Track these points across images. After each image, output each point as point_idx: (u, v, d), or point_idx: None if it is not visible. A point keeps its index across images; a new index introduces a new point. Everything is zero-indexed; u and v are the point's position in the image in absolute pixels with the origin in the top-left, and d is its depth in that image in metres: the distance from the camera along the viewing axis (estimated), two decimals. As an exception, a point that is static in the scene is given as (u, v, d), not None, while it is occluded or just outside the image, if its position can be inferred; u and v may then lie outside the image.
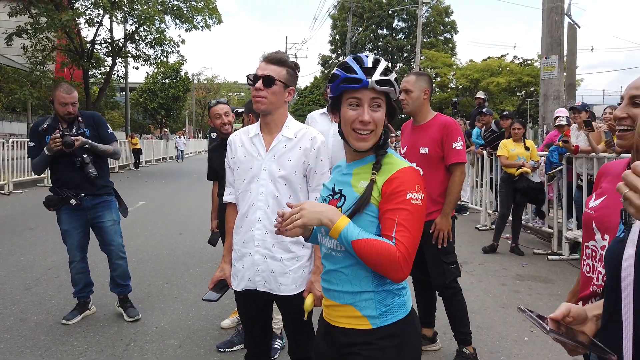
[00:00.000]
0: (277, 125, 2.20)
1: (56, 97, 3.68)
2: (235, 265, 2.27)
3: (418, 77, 3.26)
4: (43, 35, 20.32)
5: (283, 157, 2.16)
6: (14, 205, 9.97)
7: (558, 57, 9.30)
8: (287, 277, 2.17)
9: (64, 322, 3.88)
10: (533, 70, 30.19)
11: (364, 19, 42.82)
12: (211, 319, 4.07)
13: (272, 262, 2.16)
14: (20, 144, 13.40)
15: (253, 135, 2.23)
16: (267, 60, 2.16)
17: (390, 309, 1.53)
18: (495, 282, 5.28)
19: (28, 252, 6.13)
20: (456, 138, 3.17)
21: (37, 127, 3.81)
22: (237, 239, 2.26)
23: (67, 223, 3.85)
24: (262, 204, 2.16)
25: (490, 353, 3.57)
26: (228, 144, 2.34)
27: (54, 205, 3.77)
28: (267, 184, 2.15)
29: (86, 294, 4.05)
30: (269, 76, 2.11)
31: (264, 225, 2.16)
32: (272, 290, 2.19)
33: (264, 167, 2.16)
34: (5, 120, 32.92)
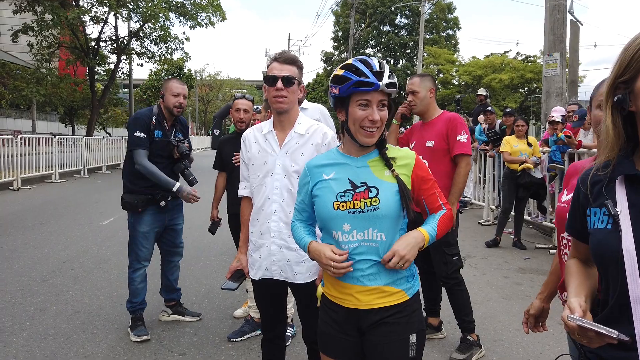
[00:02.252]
0: (290, 122, 2.33)
1: (169, 88, 3.56)
2: (252, 256, 2.40)
3: (422, 78, 3.45)
4: (49, 32, 20.44)
5: (296, 152, 2.28)
6: (23, 201, 10.13)
7: (560, 54, 9.39)
8: (302, 266, 2.31)
9: (134, 339, 3.56)
10: (536, 67, 30.23)
11: (367, 15, 42.78)
12: (224, 309, 4.22)
13: (288, 252, 2.30)
14: (28, 141, 13.57)
15: (267, 132, 2.35)
16: (281, 61, 2.27)
17: (414, 280, 1.80)
18: (498, 275, 5.41)
19: (42, 246, 6.28)
20: (460, 131, 3.33)
21: (146, 120, 3.55)
22: (253, 231, 2.39)
23: (148, 224, 3.64)
24: (277, 197, 2.28)
25: (493, 341, 3.71)
26: (242, 140, 2.45)
27: (143, 207, 3.57)
28: (282, 178, 2.28)
29: (144, 305, 3.79)
30: (288, 76, 2.24)
31: (279, 217, 2.29)
32: (287, 278, 2.32)
33: (278, 162, 2.28)
34: (10, 117, 33.15)
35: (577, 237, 1.37)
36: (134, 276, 3.68)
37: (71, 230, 7.29)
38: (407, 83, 3.51)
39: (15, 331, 3.69)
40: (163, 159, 3.63)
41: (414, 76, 3.53)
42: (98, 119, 29.09)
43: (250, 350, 3.47)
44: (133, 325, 3.66)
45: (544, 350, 3.56)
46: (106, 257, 5.84)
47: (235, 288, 2.45)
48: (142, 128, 3.49)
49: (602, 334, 1.08)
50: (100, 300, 4.39)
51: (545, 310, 1.84)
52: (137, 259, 3.67)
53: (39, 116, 34.59)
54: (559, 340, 3.67)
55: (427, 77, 3.49)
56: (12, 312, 4.06)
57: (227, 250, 5.94)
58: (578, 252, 1.41)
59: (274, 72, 2.25)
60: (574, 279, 1.33)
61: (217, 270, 5.32)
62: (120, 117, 36.75)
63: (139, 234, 3.63)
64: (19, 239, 6.59)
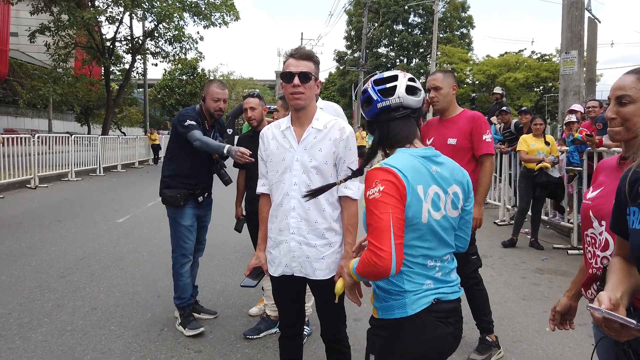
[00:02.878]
0: (308, 118, 2.31)
1: (210, 93, 3.62)
2: (271, 253, 2.38)
3: (445, 74, 3.37)
4: (65, 32, 20.70)
5: (314, 148, 2.26)
6: (41, 199, 10.26)
7: (578, 52, 9.25)
8: (321, 263, 2.29)
9: (189, 333, 3.61)
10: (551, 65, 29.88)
11: (380, 14, 42.63)
12: (239, 307, 4.22)
13: (308, 248, 2.28)
14: (45, 140, 13.75)
15: (285, 129, 2.33)
16: (297, 57, 2.25)
17: (388, 306, 1.69)
18: (516, 275, 5.34)
19: (59, 243, 6.35)
20: (485, 130, 3.29)
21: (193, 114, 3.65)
22: (272, 228, 2.37)
23: (190, 218, 3.72)
24: (295, 194, 2.26)
25: (512, 342, 3.65)
26: (260, 137, 2.44)
27: (185, 200, 3.66)
28: (300, 174, 2.26)
29: (192, 300, 3.90)
30: (305, 72, 2.21)
31: (298, 213, 2.27)
32: (307, 275, 2.31)
33: (296, 158, 2.26)
34: (27, 116, 33.63)
35: (620, 234, 1.34)
36: (182, 271, 3.72)
37: (87, 227, 7.35)
38: (428, 79, 3.44)
39: (33, 327, 3.72)
40: (205, 153, 3.67)
41: (436, 72, 3.44)
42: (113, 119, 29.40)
43: (266, 349, 3.46)
44: (185, 321, 3.69)
45: (564, 352, 3.50)
46: (122, 254, 5.88)
47: (254, 285, 2.43)
48: (191, 118, 3.60)
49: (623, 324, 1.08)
50: (116, 297, 4.42)
51: (572, 308, 1.80)
52: (183, 253, 3.72)
53: (56, 116, 35.05)
54: (580, 342, 3.61)
55: (449, 74, 3.44)
56: (31, 308, 4.10)
57: (242, 248, 5.94)
58: (622, 250, 1.38)
59: (291, 69, 2.22)
60: (613, 275, 1.31)
61: (232, 269, 5.32)
62: (134, 116, 37.16)
63: (182, 227, 3.70)
64: (37, 237, 6.66)
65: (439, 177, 1.68)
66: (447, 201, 1.69)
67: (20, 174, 11.78)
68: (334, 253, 2.31)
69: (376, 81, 1.79)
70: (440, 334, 1.66)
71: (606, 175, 1.70)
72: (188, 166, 3.67)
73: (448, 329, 1.67)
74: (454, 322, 1.70)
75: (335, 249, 2.32)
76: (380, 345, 1.71)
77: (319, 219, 2.27)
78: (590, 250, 1.68)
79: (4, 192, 10.67)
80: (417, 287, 1.65)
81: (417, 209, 1.60)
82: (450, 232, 1.72)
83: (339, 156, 2.28)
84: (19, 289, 4.55)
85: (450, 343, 1.72)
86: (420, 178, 1.63)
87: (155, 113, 45.64)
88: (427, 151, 1.73)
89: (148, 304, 4.28)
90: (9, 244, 6.19)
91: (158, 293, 4.53)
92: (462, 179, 1.77)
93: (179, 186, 3.66)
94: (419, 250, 1.64)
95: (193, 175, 3.67)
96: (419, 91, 1.78)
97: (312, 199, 2.13)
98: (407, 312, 1.64)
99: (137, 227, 7.50)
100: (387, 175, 1.58)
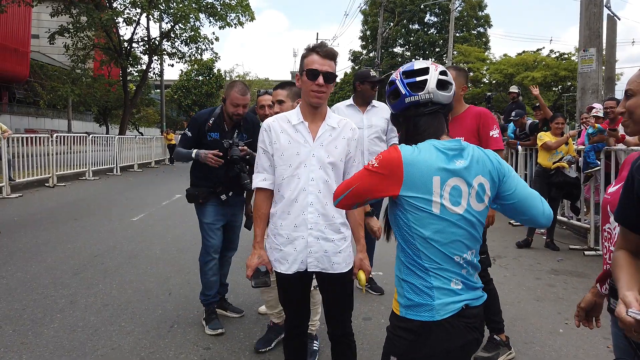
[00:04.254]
0: (321, 115, 2.32)
1: (230, 97, 3.56)
2: (283, 250, 2.31)
3: (458, 73, 3.28)
4: (83, 34, 21.04)
5: (330, 145, 2.28)
6: (59, 198, 10.43)
7: (597, 50, 9.08)
8: (339, 256, 2.30)
9: (209, 332, 3.64)
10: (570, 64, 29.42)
11: (396, 14, 42.46)
12: (249, 305, 4.22)
13: (325, 243, 2.28)
14: (63, 139, 13.98)
15: (297, 123, 2.29)
16: (322, 55, 2.21)
17: (415, 305, 1.61)
18: (530, 276, 5.25)
19: (74, 240, 6.44)
20: (492, 126, 3.24)
21: (201, 121, 3.68)
22: (283, 224, 2.31)
23: (212, 216, 3.72)
24: (313, 189, 2.26)
25: (524, 343, 3.59)
26: (265, 129, 2.34)
27: (204, 199, 3.69)
28: (317, 169, 2.26)
29: (218, 298, 3.91)
30: (330, 73, 2.22)
31: (315, 209, 2.27)
32: (325, 269, 2.30)
33: (313, 153, 2.26)
34: (47, 117, 34.24)
35: (628, 226, 1.30)
36: (206, 269, 3.75)
37: (103, 225, 7.45)
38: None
39: (46, 323, 3.77)
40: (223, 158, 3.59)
41: (450, 68, 3.31)
42: (131, 119, 29.79)
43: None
44: (208, 318, 3.73)
45: (577, 354, 3.42)
46: (136, 252, 5.94)
47: (269, 284, 2.41)
48: (192, 128, 3.69)
49: None
50: (128, 294, 4.46)
51: (597, 304, 1.72)
52: (207, 251, 3.75)
53: (75, 116, 35.62)
54: (594, 343, 3.53)
55: (462, 73, 3.39)
56: (44, 304, 4.16)
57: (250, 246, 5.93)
58: (627, 243, 1.34)
59: (316, 66, 2.19)
60: (624, 272, 1.26)
61: (242, 267, 5.30)
62: (152, 117, 37.56)
63: (204, 224, 3.74)
64: (53, 234, 6.77)
65: (463, 170, 1.61)
66: (470, 194, 1.62)
67: (39, 173, 12.00)
68: (349, 246, 2.38)
69: (405, 73, 1.69)
70: (468, 340, 1.62)
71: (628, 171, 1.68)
72: (204, 168, 3.66)
73: (475, 334, 1.64)
74: (479, 326, 1.67)
75: (349, 243, 2.38)
76: (404, 348, 1.63)
77: (336, 214, 2.30)
78: (606, 245, 1.66)
79: (23, 191, 10.87)
80: (445, 283, 1.60)
81: (425, 194, 1.57)
82: (476, 226, 1.65)
83: (350, 155, 2.33)
84: (33, 285, 4.62)
85: (474, 349, 1.70)
86: (439, 170, 1.58)
87: (172, 113, 46.06)
88: (453, 144, 1.65)
89: (159, 300, 4.31)
90: (25, 241, 6.30)
91: (169, 290, 4.56)
92: (488, 166, 1.67)
93: (200, 185, 3.72)
94: (440, 244, 1.59)
95: (209, 177, 3.67)
96: (450, 85, 1.69)
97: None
98: (434, 316, 1.58)
99: (151, 225, 7.58)
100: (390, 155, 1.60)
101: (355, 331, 2.58)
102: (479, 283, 1.71)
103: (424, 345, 1.60)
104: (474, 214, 1.64)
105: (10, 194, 10.23)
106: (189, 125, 3.76)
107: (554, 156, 6.40)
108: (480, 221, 1.67)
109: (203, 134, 3.64)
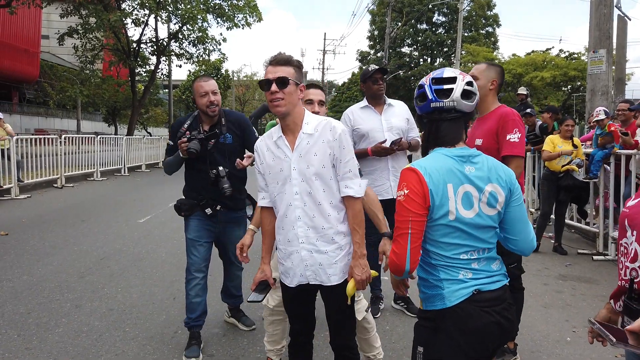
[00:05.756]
0: (296, 124, 2.25)
1: (195, 89, 3.30)
2: (283, 264, 2.35)
3: (488, 67, 3.11)
4: (92, 35, 21.17)
5: (309, 153, 2.21)
6: (66, 199, 10.49)
7: (606, 51, 8.97)
8: (334, 268, 2.27)
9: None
10: (580, 64, 29.15)
11: (404, 13, 42.33)
12: (253, 310, 4.20)
13: (319, 255, 2.25)
14: (72, 140, 14.07)
15: (277, 139, 2.28)
16: (274, 63, 2.21)
17: (430, 297, 1.78)
18: (537, 282, 5.19)
19: (81, 242, 6.47)
20: (512, 129, 2.94)
21: (177, 127, 3.46)
22: (280, 239, 2.36)
23: (195, 231, 3.41)
24: (298, 203, 2.23)
25: (530, 352, 3.54)
26: (255, 150, 2.39)
27: (187, 211, 3.40)
28: (299, 182, 2.22)
29: (201, 322, 3.50)
30: (282, 77, 2.16)
31: (304, 222, 2.24)
32: (323, 282, 2.28)
33: (293, 167, 2.23)
34: (57, 117, 34.55)
35: None
36: (187, 288, 3.41)
37: (109, 227, 7.48)
38: (472, 68, 3.16)
39: (51, 327, 3.78)
40: (199, 165, 3.33)
41: (483, 62, 3.18)
42: (139, 119, 29.95)
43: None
44: (188, 343, 3.41)
45: (585, 363, 3.38)
46: (141, 255, 5.95)
47: (261, 300, 2.40)
48: (172, 136, 3.48)
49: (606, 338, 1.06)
50: (133, 298, 4.47)
51: (612, 322, 1.70)
52: (187, 268, 3.45)
53: (84, 116, 35.92)
54: (602, 352, 3.48)
55: (494, 67, 3.11)
56: (50, 308, 4.18)
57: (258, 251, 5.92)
58: None
59: (268, 76, 2.19)
60: None
61: (246, 274, 5.31)
62: (160, 117, 37.75)
63: (187, 240, 3.45)
64: (60, 236, 6.81)
65: (473, 176, 1.73)
66: (481, 199, 1.74)
67: (47, 174, 12.09)
68: (346, 255, 2.30)
69: (435, 79, 1.81)
70: (483, 323, 1.70)
71: None
72: (189, 177, 3.47)
73: (492, 317, 1.70)
74: (500, 310, 1.73)
75: (347, 251, 2.30)
76: (426, 336, 1.79)
77: (326, 224, 2.24)
78: (622, 260, 1.63)
79: (32, 192, 10.95)
80: (453, 275, 1.73)
81: (444, 207, 1.70)
82: (486, 230, 1.77)
83: (335, 157, 2.22)
84: (39, 289, 4.64)
85: (495, 332, 1.72)
86: (451, 177, 1.71)
87: (180, 113, 46.24)
88: (463, 151, 1.78)
89: (164, 305, 4.31)
90: (33, 243, 6.34)
91: (174, 295, 4.56)
92: (504, 177, 1.79)
93: (188, 195, 3.47)
94: (449, 247, 1.73)
95: (195, 188, 3.43)
96: (474, 96, 1.82)
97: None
98: (445, 303, 1.72)
99: (157, 227, 7.60)
100: (412, 177, 1.71)
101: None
102: (499, 270, 1.81)
103: (441, 331, 1.74)
104: (485, 217, 1.76)
105: (19, 195, 10.31)
106: (170, 135, 3.54)
107: (562, 159, 6.33)
108: (492, 225, 1.78)
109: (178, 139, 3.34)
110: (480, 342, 1.72)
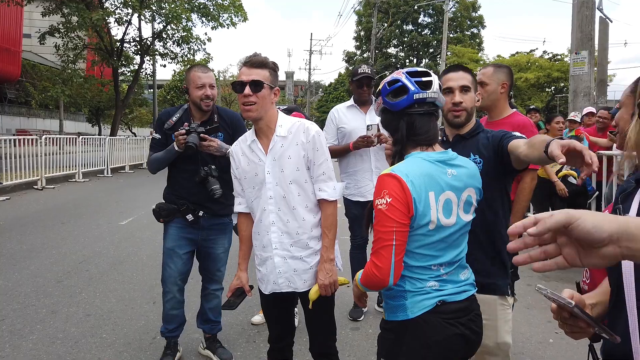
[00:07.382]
0: (270, 127, 2.20)
1: (191, 79, 2.99)
2: (260, 271, 2.32)
3: (496, 69, 2.96)
4: (74, 34, 20.85)
5: (282, 157, 2.17)
6: (46, 200, 10.29)
7: (589, 52, 9.06)
8: (309, 273, 2.22)
9: None
10: (563, 65, 29.54)
11: (389, 14, 42.47)
12: (242, 314, 4.13)
13: (293, 261, 2.21)
14: (53, 140, 13.81)
15: (250, 143, 2.24)
16: (249, 65, 2.15)
17: (392, 308, 1.71)
18: (521, 283, 5.16)
19: (60, 245, 6.33)
20: None
21: (165, 118, 3.11)
22: (256, 245, 2.31)
23: (173, 240, 3.12)
24: (272, 207, 2.19)
25: (513, 354, 3.51)
26: (230, 154, 2.35)
27: (166, 217, 3.12)
28: (274, 186, 2.18)
29: (178, 333, 3.29)
30: (256, 80, 2.10)
31: (278, 227, 2.20)
32: (297, 288, 2.23)
33: (267, 170, 2.18)
34: (39, 117, 33.97)
35: None
36: (164, 300, 3.18)
37: (90, 230, 7.33)
38: (478, 73, 2.95)
39: (25, 334, 3.67)
40: (186, 164, 3.04)
41: (488, 65, 3.04)
42: (123, 119, 29.59)
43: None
44: (163, 352, 3.25)
45: (567, 365, 3.37)
46: (121, 258, 5.84)
47: (234, 307, 2.34)
48: (158, 129, 3.12)
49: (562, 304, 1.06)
50: (111, 303, 4.36)
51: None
52: (163, 280, 3.16)
53: (67, 116, 35.37)
54: (584, 354, 3.46)
55: (502, 69, 2.96)
56: (25, 314, 4.06)
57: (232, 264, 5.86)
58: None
59: (242, 78, 2.12)
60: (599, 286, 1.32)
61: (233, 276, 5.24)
62: (144, 117, 37.33)
63: (164, 249, 3.15)
64: (39, 239, 6.65)
65: (454, 180, 1.66)
66: (459, 205, 1.68)
67: (27, 175, 11.84)
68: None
69: (410, 73, 1.75)
70: (447, 335, 1.62)
71: None
72: (171, 178, 3.19)
73: (457, 329, 1.64)
74: (465, 321, 1.66)
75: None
76: (388, 348, 1.72)
77: (300, 229, 2.19)
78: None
79: (11, 194, 10.72)
80: (418, 287, 1.65)
81: (426, 216, 1.59)
82: (463, 236, 1.72)
83: (309, 159, 2.18)
84: (15, 294, 4.51)
85: (459, 344, 1.66)
86: (433, 184, 1.61)
87: (165, 113, 45.88)
88: (443, 155, 1.70)
89: (143, 310, 4.21)
90: (9, 247, 6.18)
91: (154, 299, 4.46)
92: (476, 176, 1.77)
93: (168, 200, 3.17)
94: (423, 257, 1.64)
95: (177, 190, 3.13)
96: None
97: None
98: (408, 315, 1.65)
99: (139, 229, 7.47)
100: (393, 184, 1.58)
101: (343, 342, 2.52)
102: (466, 280, 1.73)
103: (402, 343, 1.67)
104: (462, 225, 1.70)
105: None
106: (156, 127, 3.17)
107: (555, 165, 6.25)
108: (467, 230, 1.74)
109: (169, 135, 3.06)
110: (444, 356, 1.65)
